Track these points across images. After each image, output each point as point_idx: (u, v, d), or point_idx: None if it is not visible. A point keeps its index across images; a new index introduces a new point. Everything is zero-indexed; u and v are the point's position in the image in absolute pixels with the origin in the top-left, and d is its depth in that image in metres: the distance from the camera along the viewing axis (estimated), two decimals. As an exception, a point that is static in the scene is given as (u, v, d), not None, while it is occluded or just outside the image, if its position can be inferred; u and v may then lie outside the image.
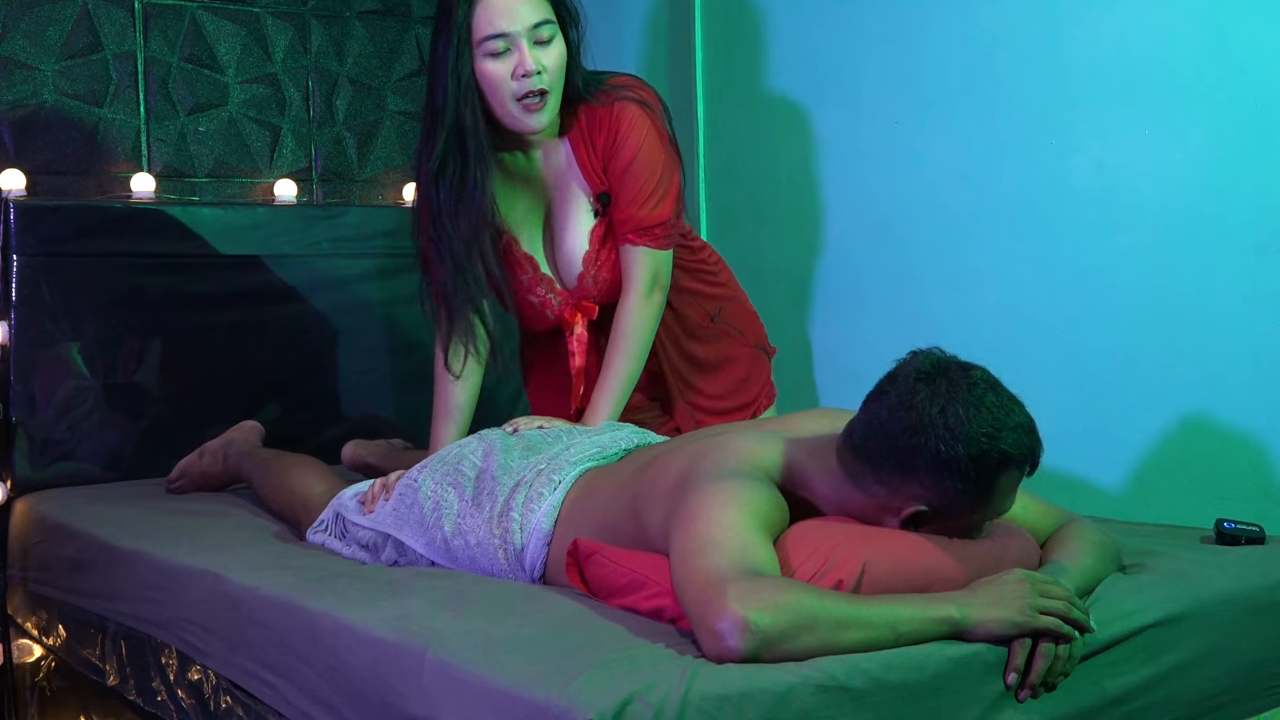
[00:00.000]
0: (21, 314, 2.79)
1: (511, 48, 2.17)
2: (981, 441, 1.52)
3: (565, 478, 1.88)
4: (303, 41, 3.33)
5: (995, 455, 1.53)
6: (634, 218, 2.27)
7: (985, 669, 1.44)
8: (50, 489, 2.77)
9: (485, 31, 2.17)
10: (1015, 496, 1.62)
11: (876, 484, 1.60)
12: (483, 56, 2.19)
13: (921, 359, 1.60)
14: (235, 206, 3.12)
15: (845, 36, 2.88)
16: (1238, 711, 1.72)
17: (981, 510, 1.59)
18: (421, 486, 2.01)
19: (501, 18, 2.16)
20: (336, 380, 3.20)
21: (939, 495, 1.56)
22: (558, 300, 2.38)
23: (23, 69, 2.98)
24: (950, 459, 1.52)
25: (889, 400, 1.58)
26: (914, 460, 1.55)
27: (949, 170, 2.66)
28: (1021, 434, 1.55)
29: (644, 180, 2.27)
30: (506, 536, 1.85)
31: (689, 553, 1.47)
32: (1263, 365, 2.19)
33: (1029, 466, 1.58)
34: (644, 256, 2.28)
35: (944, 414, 1.53)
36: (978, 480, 1.54)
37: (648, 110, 2.29)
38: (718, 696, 1.28)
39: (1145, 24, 2.33)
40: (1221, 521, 1.95)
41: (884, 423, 1.57)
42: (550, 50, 2.20)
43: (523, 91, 2.19)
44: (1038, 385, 2.43)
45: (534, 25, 2.17)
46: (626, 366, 2.27)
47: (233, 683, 1.89)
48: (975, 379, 1.56)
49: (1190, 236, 2.28)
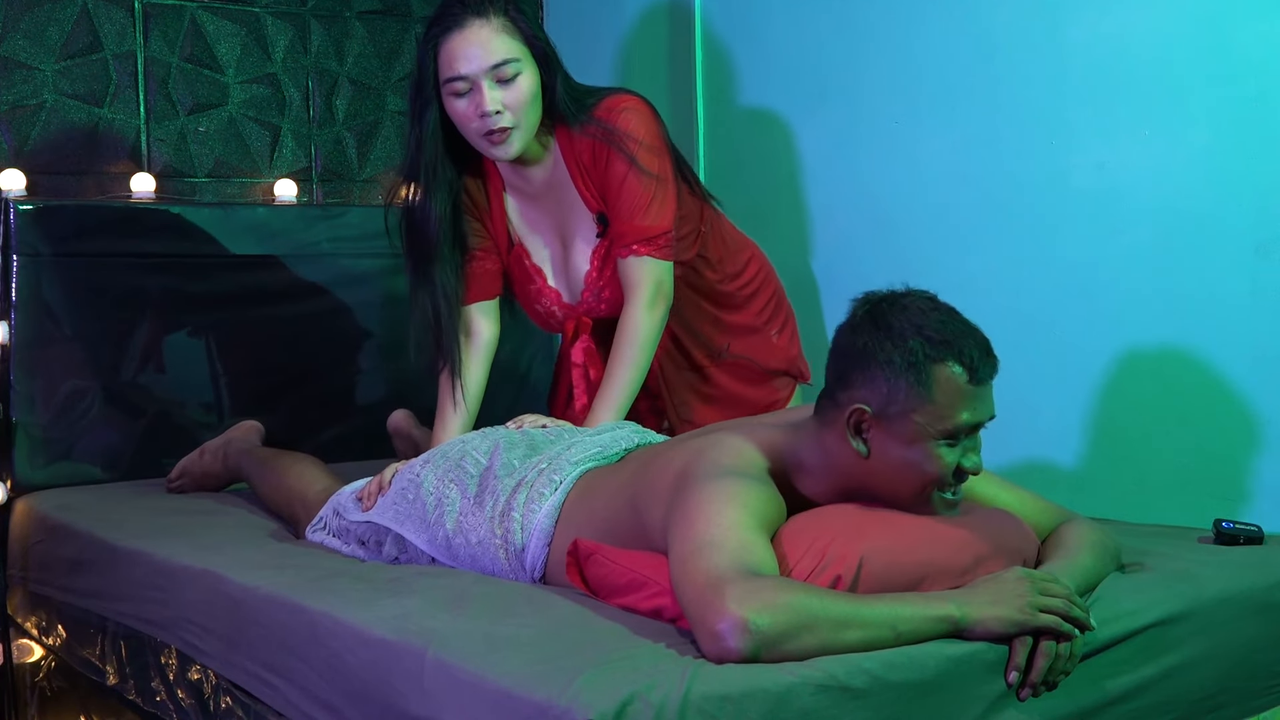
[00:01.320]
0: (21, 314, 2.79)
1: (472, 88, 2.22)
2: (906, 331, 1.57)
3: (566, 477, 1.88)
4: (303, 41, 3.33)
5: (920, 343, 1.55)
6: (636, 228, 2.29)
7: (986, 668, 1.44)
8: (50, 489, 2.77)
9: (446, 73, 2.23)
10: (975, 412, 1.58)
11: (833, 409, 1.63)
12: (448, 95, 2.25)
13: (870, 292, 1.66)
14: (235, 206, 3.12)
15: (845, 36, 2.87)
16: (1237, 711, 1.72)
17: (924, 410, 1.56)
18: (424, 482, 2.01)
19: (460, 61, 2.21)
20: (336, 380, 3.20)
21: (874, 391, 1.58)
22: (562, 313, 2.43)
23: (23, 69, 2.98)
24: (875, 348, 1.57)
25: (837, 330, 1.66)
26: (848, 361, 1.61)
27: (949, 170, 2.66)
28: (953, 327, 1.58)
29: (642, 189, 2.28)
30: (508, 536, 1.85)
31: (688, 553, 1.47)
32: (1263, 365, 2.19)
33: (967, 365, 1.56)
34: (647, 266, 2.29)
35: (871, 313, 1.61)
36: (907, 368, 1.55)
37: (638, 122, 2.30)
38: (718, 696, 1.28)
39: (1145, 24, 2.33)
40: (1220, 521, 1.95)
41: (831, 349, 1.65)
42: (513, 88, 2.23)
43: (484, 130, 2.24)
44: (1037, 384, 2.45)
45: (493, 66, 2.21)
46: (628, 376, 2.28)
47: (232, 683, 1.89)
48: (912, 293, 1.63)
49: (1190, 236, 2.28)
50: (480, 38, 2.21)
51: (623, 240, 2.30)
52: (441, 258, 2.34)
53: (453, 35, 2.22)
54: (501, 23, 2.23)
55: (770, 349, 2.52)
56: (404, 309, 3.16)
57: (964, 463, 1.61)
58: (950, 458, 1.60)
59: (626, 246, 2.29)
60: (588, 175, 2.33)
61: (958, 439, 1.59)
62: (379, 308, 3.23)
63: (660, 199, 2.29)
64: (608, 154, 2.29)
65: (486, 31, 2.21)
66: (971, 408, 1.58)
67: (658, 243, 2.29)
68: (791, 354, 2.56)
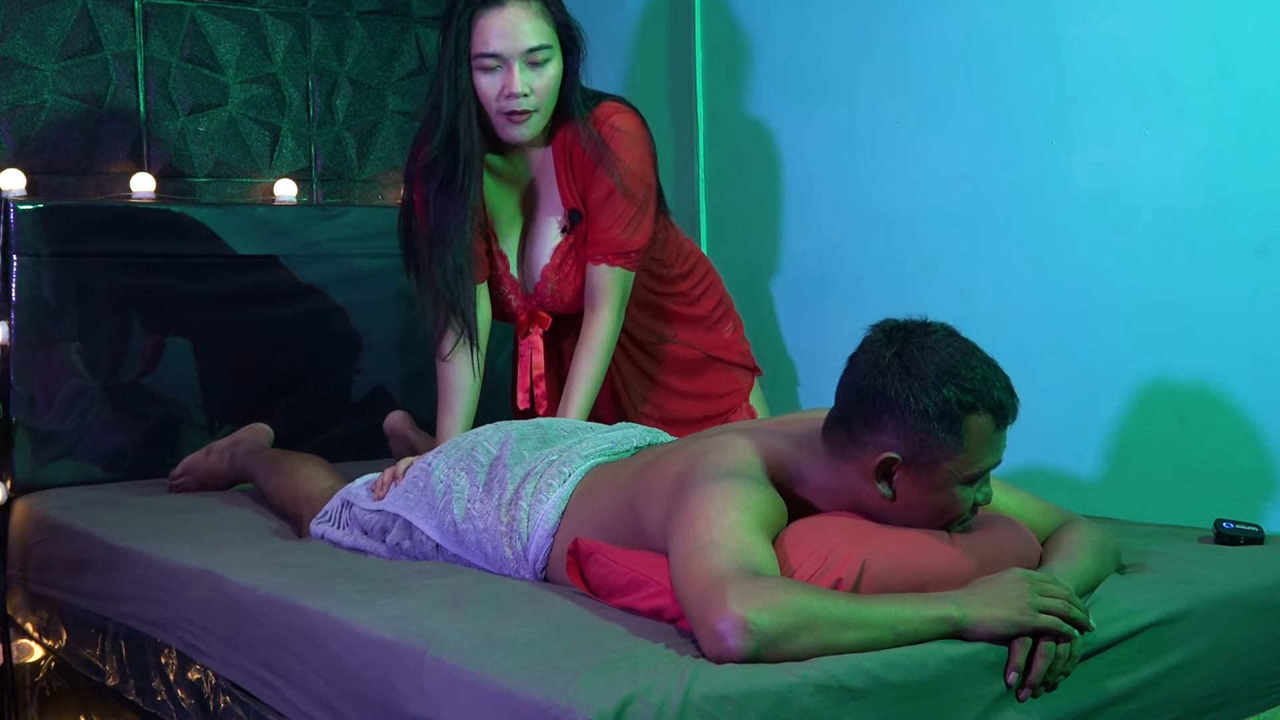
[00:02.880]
0: (21, 314, 2.79)
1: (502, 66, 2.23)
2: (939, 379, 1.55)
3: (575, 470, 1.89)
4: (303, 41, 3.33)
5: (954, 392, 1.54)
6: (615, 240, 2.34)
7: (985, 668, 1.44)
8: (50, 489, 2.77)
9: (479, 48, 2.24)
10: (997, 454, 1.60)
11: (854, 446, 1.61)
12: (477, 69, 2.25)
13: (885, 321, 1.64)
14: (235, 206, 3.12)
15: (845, 37, 2.87)
16: (1237, 711, 1.72)
17: (955, 459, 1.57)
18: (435, 470, 2.03)
19: (496, 39, 2.22)
20: (337, 380, 3.20)
21: (906, 440, 1.56)
22: (516, 301, 2.47)
23: (23, 69, 2.98)
24: (908, 397, 1.55)
25: (855, 362, 1.63)
26: (876, 406, 1.57)
27: (949, 170, 2.66)
28: (981, 372, 1.57)
29: (625, 207, 2.33)
30: (514, 525, 1.86)
31: (689, 553, 1.47)
32: (1263, 365, 2.19)
33: (997, 412, 1.57)
34: (617, 276, 2.36)
35: (899, 356, 1.57)
36: (941, 419, 1.54)
37: (635, 139, 2.34)
38: (718, 696, 1.28)
39: (1145, 24, 2.32)
40: (1221, 521, 1.95)
41: (850, 382, 1.62)
42: (543, 73, 2.26)
43: (507, 109, 2.25)
44: (1037, 385, 2.44)
45: (528, 49, 2.23)
46: (595, 376, 2.35)
47: (232, 682, 1.89)
48: (932, 328, 1.60)
49: (1190, 236, 2.28)
50: (519, 19, 2.23)
51: (599, 249, 2.35)
52: (466, 231, 2.33)
53: (491, 11, 2.23)
54: (539, 7, 2.25)
55: (722, 342, 2.57)
56: (403, 309, 3.18)
57: (979, 497, 1.63)
58: (971, 498, 1.62)
59: (602, 255, 2.35)
60: (572, 173, 2.36)
61: (979, 480, 1.62)
62: (379, 308, 3.22)
63: (639, 219, 2.35)
64: (600, 159, 2.32)
65: (525, 14, 2.23)
66: (995, 451, 1.60)
67: (631, 257, 2.36)
68: (744, 348, 2.61)
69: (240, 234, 3.05)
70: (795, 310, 2.99)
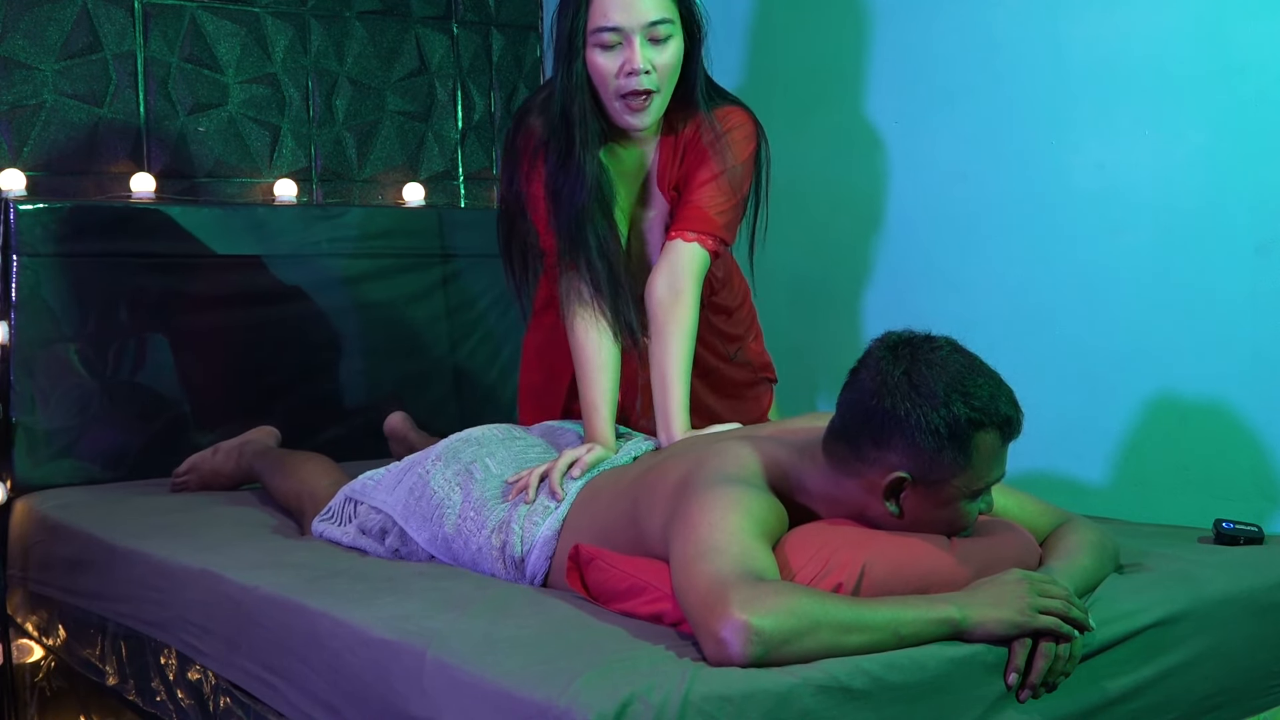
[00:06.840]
0: (21, 314, 2.79)
1: (623, 42, 2.08)
2: (948, 397, 1.54)
3: (570, 491, 1.89)
4: (302, 41, 3.32)
5: (963, 409, 1.53)
6: (706, 217, 2.17)
7: (986, 669, 1.44)
8: (50, 489, 2.77)
9: (599, 22, 2.08)
10: (1002, 467, 1.60)
11: (859, 462, 1.60)
12: (594, 46, 2.09)
13: (889, 335, 1.63)
14: (235, 206, 3.12)
15: (845, 36, 2.87)
16: (1237, 711, 1.72)
17: (963, 475, 1.57)
18: (433, 481, 2.02)
19: (616, 11, 2.06)
20: (336, 380, 3.20)
21: (916, 459, 1.56)
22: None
23: (23, 69, 2.98)
24: (918, 417, 1.54)
25: (860, 377, 1.61)
26: (886, 425, 1.56)
27: (949, 170, 2.66)
28: (988, 388, 1.56)
29: (727, 195, 2.18)
30: (506, 549, 1.86)
31: (690, 558, 1.47)
32: (1263, 365, 2.19)
33: (1004, 428, 1.57)
34: (698, 258, 2.16)
35: (908, 374, 1.56)
36: (951, 438, 1.54)
37: (746, 146, 2.20)
38: (718, 697, 1.28)
39: (1145, 24, 2.33)
40: (1220, 521, 1.96)
41: (856, 399, 1.60)
42: (664, 50, 2.10)
43: (626, 89, 2.08)
44: (1037, 385, 2.44)
45: (650, 23, 2.07)
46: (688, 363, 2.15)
47: (232, 683, 1.89)
48: (939, 343, 1.59)
49: (1190, 236, 2.28)
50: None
51: (687, 223, 2.17)
52: (593, 216, 2.14)
53: None
54: None
55: (755, 353, 2.48)
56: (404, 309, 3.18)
57: (982, 507, 1.63)
58: (975, 510, 1.62)
59: (691, 228, 2.16)
60: (678, 164, 2.22)
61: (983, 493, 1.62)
62: (378, 308, 3.22)
63: (733, 215, 2.20)
64: (706, 154, 2.18)
65: None
66: (1001, 465, 1.60)
67: (715, 239, 2.17)
68: (766, 359, 2.51)
69: (240, 234, 3.05)
70: (795, 310, 2.99)
